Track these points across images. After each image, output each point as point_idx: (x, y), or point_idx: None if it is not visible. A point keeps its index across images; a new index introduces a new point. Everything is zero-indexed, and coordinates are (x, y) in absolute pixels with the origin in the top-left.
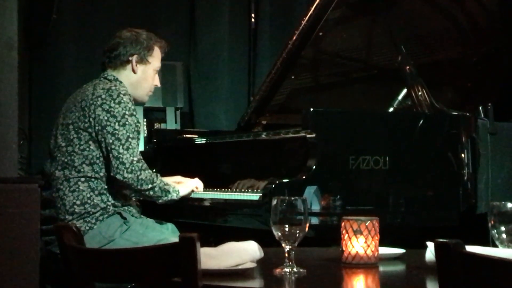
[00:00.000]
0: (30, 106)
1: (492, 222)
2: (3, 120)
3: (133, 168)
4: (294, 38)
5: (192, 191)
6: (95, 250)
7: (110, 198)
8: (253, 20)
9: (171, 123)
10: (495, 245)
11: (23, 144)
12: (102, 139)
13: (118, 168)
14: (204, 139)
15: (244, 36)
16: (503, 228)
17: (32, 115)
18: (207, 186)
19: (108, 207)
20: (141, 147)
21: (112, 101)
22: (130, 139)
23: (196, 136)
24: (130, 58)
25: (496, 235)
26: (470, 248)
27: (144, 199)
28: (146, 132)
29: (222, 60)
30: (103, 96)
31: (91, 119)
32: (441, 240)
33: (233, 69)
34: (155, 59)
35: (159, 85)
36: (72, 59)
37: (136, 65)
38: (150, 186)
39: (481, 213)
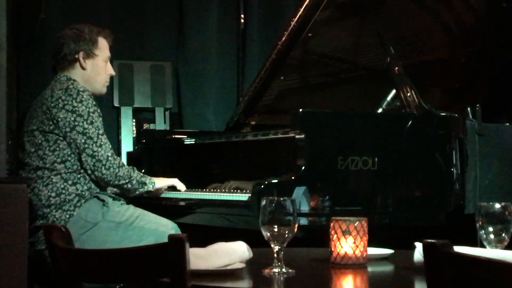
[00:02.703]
0: (18, 106)
1: (480, 222)
2: None
3: (110, 164)
4: (283, 38)
5: (174, 186)
6: (83, 250)
7: (84, 187)
8: (242, 20)
9: (160, 124)
10: (483, 246)
11: (11, 144)
12: (72, 140)
13: (95, 166)
14: (193, 140)
15: (233, 37)
16: (491, 229)
17: (20, 115)
18: (196, 186)
19: (83, 192)
20: (130, 148)
21: (74, 101)
22: (100, 136)
23: (185, 136)
24: (76, 56)
25: (484, 236)
26: (458, 249)
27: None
28: (135, 132)
29: (211, 60)
30: (63, 97)
31: (55, 121)
32: (429, 240)
33: (222, 70)
34: (102, 50)
35: (113, 73)
36: None
37: (84, 61)
38: (127, 180)
39: (469, 213)
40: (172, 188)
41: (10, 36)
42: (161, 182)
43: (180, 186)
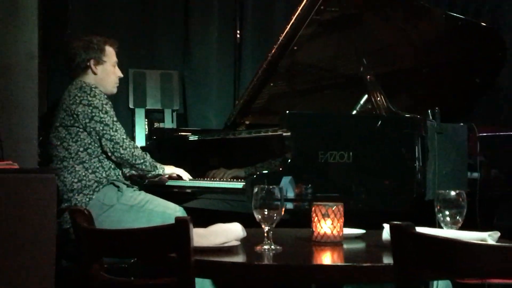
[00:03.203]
0: (48, 108)
1: (438, 207)
2: (26, 120)
3: (126, 145)
4: (273, 51)
5: (178, 175)
6: (103, 230)
7: (103, 174)
8: (238, 35)
9: (169, 123)
10: (440, 227)
11: (41, 140)
12: (91, 129)
13: (114, 148)
14: (196, 136)
15: (231, 49)
16: (447, 212)
17: (49, 116)
18: (199, 176)
19: (102, 179)
20: (143, 143)
21: (88, 96)
22: (115, 122)
23: (190, 133)
24: (88, 64)
25: (442, 218)
26: (419, 229)
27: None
28: (147, 130)
29: (211, 69)
30: (79, 94)
31: (75, 115)
32: (395, 222)
33: (221, 77)
34: (109, 56)
35: (121, 75)
36: None
37: (95, 67)
38: (142, 160)
39: (429, 199)
40: (178, 177)
41: (42, 48)
42: (169, 169)
43: (185, 175)
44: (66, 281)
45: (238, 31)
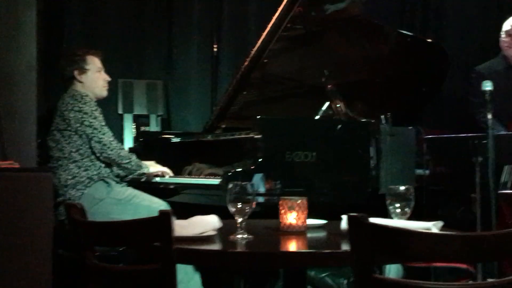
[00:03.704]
0: (47, 113)
1: (389, 200)
2: (26, 125)
3: (113, 147)
4: (246, 63)
5: (162, 173)
6: (94, 222)
7: (94, 172)
8: (215, 49)
9: (154, 126)
10: (391, 217)
11: (40, 142)
12: (82, 132)
13: (102, 149)
14: (179, 138)
15: (209, 61)
16: (397, 205)
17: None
18: (180, 173)
19: (93, 176)
20: (131, 144)
21: (79, 103)
22: (103, 126)
23: (173, 136)
24: (73, 74)
25: (392, 210)
26: (373, 220)
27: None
28: (134, 133)
29: (192, 79)
30: (71, 102)
31: (67, 120)
32: (351, 213)
33: (200, 86)
34: (92, 64)
35: (109, 78)
36: None
37: (80, 76)
38: (128, 160)
39: (382, 193)
40: (162, 174)
41: (40, 60)
42: (154, 168)
43: (169, 173)
44: (62, 268)
45: (215, 45)
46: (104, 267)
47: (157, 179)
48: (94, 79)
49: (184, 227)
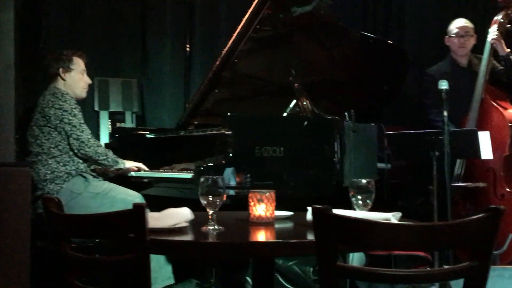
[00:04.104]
0: (24, 110)
1: (352, 192)
2: (4, 121)
3: (91, 144)
4: (217, 63)
5: (137, 168)
6: (71, 215)
7: (72, 167)
8: (188, 49)
9: (129, 123)
10: (354, 209)
11: (17, 138)
12: (61, 129)
13: (80, 146)
14: (153, 135)
15: (182, 61)
16: (359, 197)
17: (25, 117)
18: (154, 167)
19: (71, 171)
20: (107, 140)
21: (59, 101)
22: (81, 124)
23: (147, 132)
24: (57, 71)
25: (355, 202)
26: (336, 211)
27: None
28: (110, 129)
29: (165, 77)
30: (52, 99)
31: (47, 117)
32: (316, 206)
33: (173, 84)
34: (77, 65)
35: (90, 81)
36: None
37: (64, 74)
38: (105, 157)
39: (346, 186)
40: (137, 169)
41: (18, 59)
42: (129, 164)
43: (143, 167)
44: (40, 259)
45: (188, 45)
46: (81, 258)
47: (133, 173)
48: (77, 79)
49: (158, 219)
